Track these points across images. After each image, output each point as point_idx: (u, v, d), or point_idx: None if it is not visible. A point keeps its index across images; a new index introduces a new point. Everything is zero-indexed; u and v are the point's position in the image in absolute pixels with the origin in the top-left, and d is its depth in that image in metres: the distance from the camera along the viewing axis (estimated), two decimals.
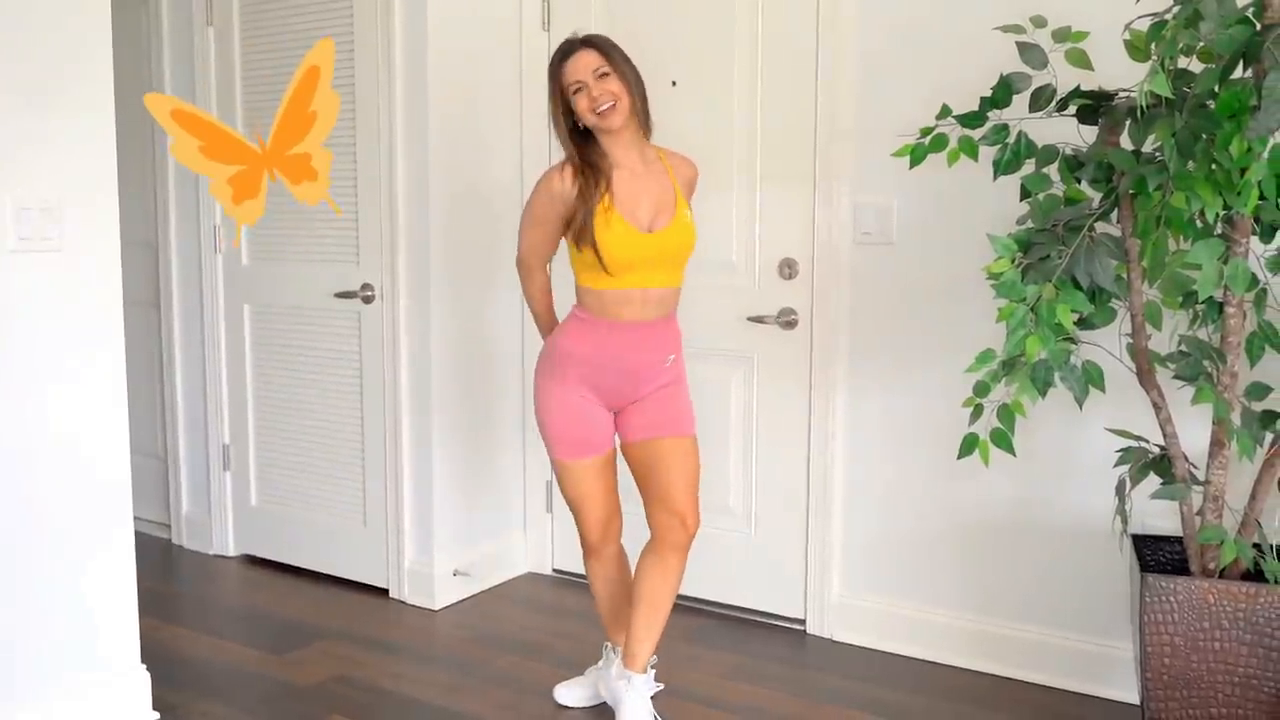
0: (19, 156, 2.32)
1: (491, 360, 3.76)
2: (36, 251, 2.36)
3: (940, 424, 3.02)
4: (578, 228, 2.50)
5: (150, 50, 4.07)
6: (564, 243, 2.62)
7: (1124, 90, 2.41)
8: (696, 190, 2.75)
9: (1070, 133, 2.54)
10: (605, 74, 2.48)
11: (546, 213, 2.56)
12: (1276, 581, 2.31)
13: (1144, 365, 2.43)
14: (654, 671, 2.75)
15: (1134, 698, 2.78)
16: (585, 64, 2.48)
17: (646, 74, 2.59)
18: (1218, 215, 2.21)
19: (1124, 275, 2.39)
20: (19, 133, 2.32)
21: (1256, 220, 2.26)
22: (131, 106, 4.07)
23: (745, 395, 3.41)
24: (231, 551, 4.09)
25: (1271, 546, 2.39)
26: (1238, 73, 2.15)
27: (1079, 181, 2.45)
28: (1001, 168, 2.52)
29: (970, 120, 2.52)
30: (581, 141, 2.55)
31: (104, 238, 2.49)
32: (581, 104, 2.49)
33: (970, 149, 2.53)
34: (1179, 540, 2.59)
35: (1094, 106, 2.43)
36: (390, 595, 3.67)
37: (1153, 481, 2.50)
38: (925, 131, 2.54)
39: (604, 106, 2.48)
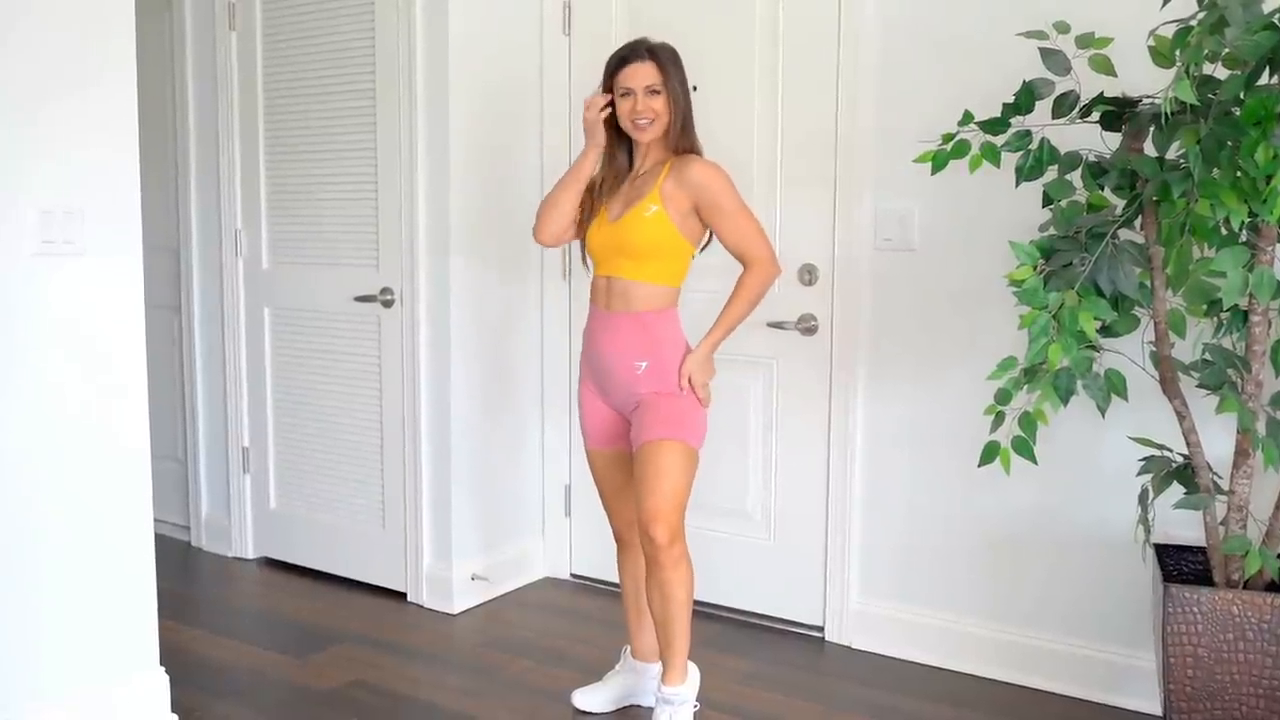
0: (43, 161, 2.34)
1: (511, 364, 3.76)
2: (59, 255, 2.37)
3: (961, 431, 3.01)
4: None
5: (173, 55, 4.10)
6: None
7: (1148, 97, 2.39)
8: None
9: (1093, 139, 2.53)
10: (656, 92, 2.55)
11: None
12: None
13: (1167, 374, 2.41)
14: (686, 690, 2.62)
15: (1156, 708, 2.75)
16: (641, 76, 2.54)
17: None
18: (1243, 222, 2.19)
19: (1147, 283, 2.37)
20: (43, 137, 2.34)
21: None
22: (154, 111, 4.14)
23: (765, 401, 3.40)
24: (250, 554, 4.11)
25: None
26: (1263, 79, 2.13)
27: (1102, 188, 2.43)
28: (1024, 174, 2.51)
29: (993, 126, 2.50)
30: (615, 135, 2.65)
31: (126, 241, 2.51)
32: (623, 108, 2.57)
33: (992, 155, 2.51)
34: (1202, 550, 2.57)
35: (1118, 113, 2.42)
36: (408, 599, 3.68)
37: (1176, 491, 2.48)
38: (947, 137, 2.53)
39: (642, 121, 2.56)
